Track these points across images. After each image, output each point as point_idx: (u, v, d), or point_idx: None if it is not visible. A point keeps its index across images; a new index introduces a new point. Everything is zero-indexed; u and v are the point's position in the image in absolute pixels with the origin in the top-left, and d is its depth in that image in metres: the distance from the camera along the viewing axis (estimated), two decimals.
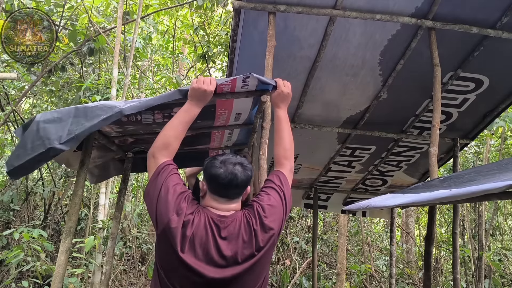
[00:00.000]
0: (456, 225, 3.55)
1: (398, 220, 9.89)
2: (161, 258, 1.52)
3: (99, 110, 1.88)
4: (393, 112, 3.41)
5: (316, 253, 4.76)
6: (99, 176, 3.28)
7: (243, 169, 1.60)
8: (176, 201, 1.51)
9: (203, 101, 1.78)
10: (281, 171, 1.77)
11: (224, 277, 1.45)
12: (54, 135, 1.82)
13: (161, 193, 1.54)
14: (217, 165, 1.59)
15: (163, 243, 1.49)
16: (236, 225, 1.51)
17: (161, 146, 1.68)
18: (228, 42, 4.91)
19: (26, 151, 1.82)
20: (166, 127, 1.72)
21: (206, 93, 1.75)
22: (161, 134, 1.71)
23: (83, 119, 1.87)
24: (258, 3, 2.37)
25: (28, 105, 8.67)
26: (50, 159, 1.96)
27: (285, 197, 1.68)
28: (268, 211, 1.58)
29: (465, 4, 2.44)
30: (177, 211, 1.49)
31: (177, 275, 1.46)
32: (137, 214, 7.74)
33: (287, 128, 1.88)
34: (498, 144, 7.67)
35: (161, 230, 1.49)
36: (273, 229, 1.56)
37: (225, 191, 1.58)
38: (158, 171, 1.61)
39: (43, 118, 1.92)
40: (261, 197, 1.64)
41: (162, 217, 1.49)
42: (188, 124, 1.75)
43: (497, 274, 7.34)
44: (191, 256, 1.44)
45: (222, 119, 2.49)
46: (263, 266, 1.55)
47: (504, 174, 1.44)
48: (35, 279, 4.70)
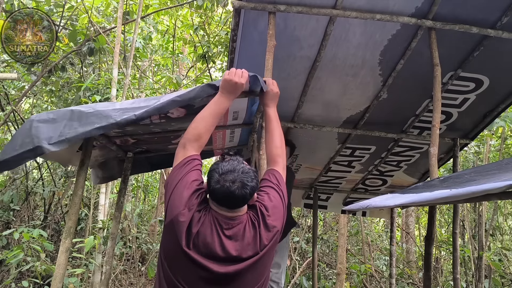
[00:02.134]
0: (456, 225, 3.55)
1: (398, 220, 9.88)
2: (166, 249, 1.54)
3: (94, 117, 1.87)
4: (393, 112, 3.41)
5: (316, 253, 4.76)
6: (103, 178, 3.28)
7: (243, 187, 1.51)
8: (191, 196, 1.53)
9: (234, 93, 1.78)
10: (275, 169, 1.79)
11: (227, 272, 1.46)
12: (45, 135, 1.82)
13: (178, 184, 1.56)
14: (215, 178, 1.53)
15: (169, 234, 1.51)
16: (241, 227, 1.53)
17: (193, 138, 1.68)
18: (228, 42, 4.91)
19: (14, 147, 1.82)
20: (197, 119, 1.72)
21: (237, 85, 1.75)
22: (192, 126, 1.71)
23: (77, 124, 1.86)
24: (258, 3, 2.37)
25: (28, 105, 8.67)
26: (34, 158, 1.97)
27: (283, 194, 1.71)
28: (271, 211, 1.60)
29: (465, 4, 2.44)
30: (189, 206, 1.51)
31: (181, 268, 1.48)
32: (137, 214, 7.74)
33: (277, 126, 1.91)
34: (498, 144, 7.67)
35: (169, 220, 1.51)
36: (276, 227, 1.59)
37: (222, 203, 1.55)
38: (183, 162, 1.62)
39: (37, 118, 1.92)
40: (262, 197, 1.65)
41: (173, 208, 1.51)
42: (218, 116, 1.74)
43: (497, 274, 7.33)
44: (195, 251, 1.46)
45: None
46: (266, 265, 1.56)
47: (504, 174, 1.44)
48: (35, 279, 4.70)
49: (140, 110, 1.88)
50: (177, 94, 1.92)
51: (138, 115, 1.87)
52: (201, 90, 1.88)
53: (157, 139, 2.78)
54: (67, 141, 1.82)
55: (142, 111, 1.88)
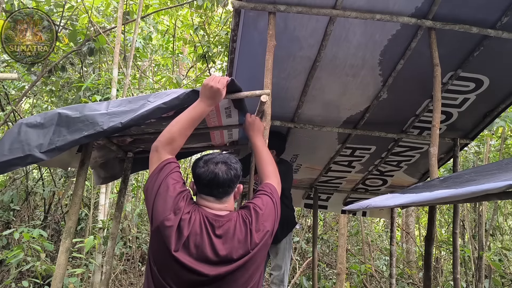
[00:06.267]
0: (456, 225, 3.55)
1: (398, 220, 9.88)
2: (155, 255, 1.52)
3: (81, 123, 1.85)
4: (393, 112, 3.41)
5: (316, 253, 4.76)
6: (105, 178, 3.27)
7: (227, 168, 1.59)
8: (175, 200, 1.52)
9: (212, 99, 1.78)
10: (269, 182, 1.81)
11: (218, 274, 1.45)
12: (35, 142, 1.79)
13: (160, 190, 1.55)
14: (200, 165, 1.61)
15: (156, 240, 1.50)
16: (231, 225, 1.52)
17: (165, 141, 1.67)
18: (228, 42, 4.91)
19: (2, 152, 1.78)
20: (172, 122, 1.71)
21: (212, 89, 1.76)
22: (166, 129, 1.70)
23: (65, 130, 1.84)
24: (258, 3, 2.37)
25: (28, 105, 8.66)
26: (24, 166, 1.93)
27: (277, 204, 1.71)
28: (263, 211, 1.61)
29: (465, 4, 2.44)
30: (175, 210, 1.49)
31: (171, 272, 1.46)
32: (137, 214, 7.73)
33: (266, 153, 1.96)
34: (498, 144, 7.67)
35: (156, 227, 1.49)
36: (268, 227, 1.58)
37: (209, 190, 1.59)
38: (160, 168, 1.61)
39: (25, 121, 1.90)
40: (255, 200, 1.67)
41: (158, 214, 1.50)
42: (195, 121, 1.74)
43: (497, 274, 7.33)
44: (185, 254, 1.45)
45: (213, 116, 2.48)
46: (257, 266, 1.56)
47: (504, 174, 1.44)
48: (35, 279, 4.70)
49: (126, 118, 1.87)
50: (163, 100, 1.90)
51: (124, 123, 1.87)
52: (186, 96, 1.88)
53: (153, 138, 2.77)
54: (58, 150, 1.81)
55: (128, 119, 1.87)
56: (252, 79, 2.73)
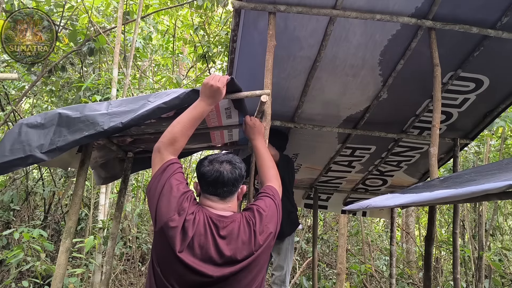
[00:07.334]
0: (456, 225, 3.55)
1: (398, 220, 9.88)
2: (158, 256, 1.52)
3: (82, 123, 1.85)
4: (393, 112, 3.41)
5: (316, 253, 4.76)
6: (105, 178, 3.27)
7: (232, 167, 1.61)
8: (179, 200, 1.51)
9: (212, 97, 1.78)
10: (271, 185, 1.81)
11: (222, 275, 1.45)
12: (36, 143, 1.79)
13: (163, 190, 1.54)
14: (205, 164, 1.63)
15: (160, 241, 1.49)
16: (235, 226, 1.52)
17: (167, 142, 1.66)
18: (228, 42, 4.91)
19: (3, 153, 1.78)
20: (173, 123, 1.71)
21: (212, 88, 1.76)
22: (168, 130, 1.69)
23: (66, 131, 1.84)
24: (258, 3, 2.37)
25: (28, 105, 8.66)
26: (26, 166, 1.93)
27: (278, 205, 1.71)
28: (266, 212, 1.61)
29: (465, 4, 2.44)
30: (179, 211, 1.49)
31: (174, 273, 1.46)
32: (137, 214, 7.73)
33: (267, 156, 1.96)
34: (498, 144, 7.67)
35: (159, 228, 1.49)
36: (271, 229, 1.59)
37: (214, 189, 1.60)
38: (163, 168, 1.61)
39: (26, 122, 1.90)
40: (258, 202, 1.67)
41: (162, 215, 1.49)
42: (196, 120, 1.74)
43: (497, 274, 7.33)
44: (189, 255, 1.44)
45: (213, 116, 2.48)
46: (260, 267, 1.56)
47: (504, 174, 1.44)
48: (35, 279, 4.70)
49: (127, 118, 1.87)
50: (163, 100, 1.90)
51: (125, 123, 1.86)
52: (186, 96, 1.87)
53: (154, 138, 2.78)
54: (58, 150, 1.80)
55: (128, 119, 1.87)
56: (252, 79, 2.73)
